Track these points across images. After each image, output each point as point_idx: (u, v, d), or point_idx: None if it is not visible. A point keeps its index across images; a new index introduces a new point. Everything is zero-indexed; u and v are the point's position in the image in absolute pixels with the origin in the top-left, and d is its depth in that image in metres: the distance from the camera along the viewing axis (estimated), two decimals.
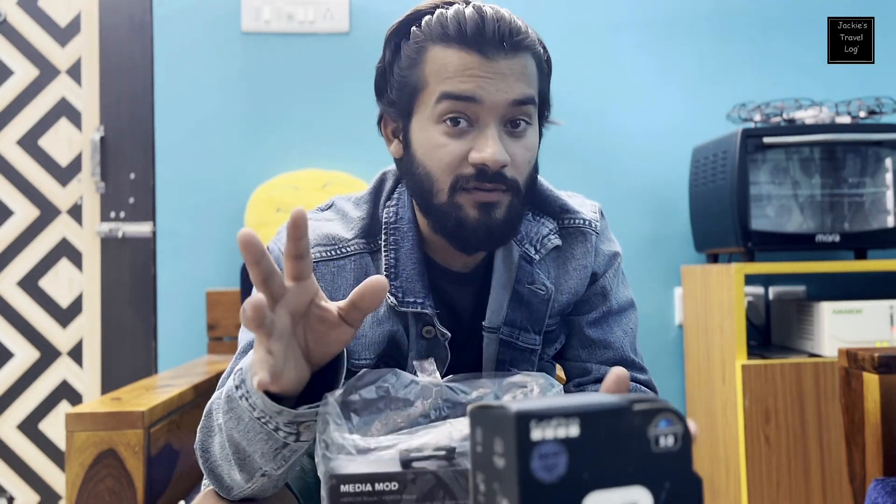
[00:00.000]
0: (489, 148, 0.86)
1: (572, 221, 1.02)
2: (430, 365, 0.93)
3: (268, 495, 0.88)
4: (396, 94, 0.93)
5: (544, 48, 0.95)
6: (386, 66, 0.94)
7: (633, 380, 1.03)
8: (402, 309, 0.94)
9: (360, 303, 0.72)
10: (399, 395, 0.74)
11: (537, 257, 0.99)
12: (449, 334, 0.96)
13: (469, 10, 0.88)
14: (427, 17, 0.90)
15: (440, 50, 0.89)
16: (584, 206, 1.05)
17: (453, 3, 0.91)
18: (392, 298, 0.94)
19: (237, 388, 0.77)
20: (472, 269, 0.99)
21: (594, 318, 1.04)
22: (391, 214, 0.97)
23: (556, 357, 1.08)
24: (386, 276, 0.94)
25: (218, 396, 0.87)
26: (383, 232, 0.97)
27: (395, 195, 0.99)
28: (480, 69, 0.87)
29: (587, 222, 1.02)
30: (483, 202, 0.89)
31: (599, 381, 1.02)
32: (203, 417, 0.88)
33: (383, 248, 0.96)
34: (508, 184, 0.89)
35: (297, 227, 0.69)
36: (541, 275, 0.99)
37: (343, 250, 0.96)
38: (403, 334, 0.96)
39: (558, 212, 1.02)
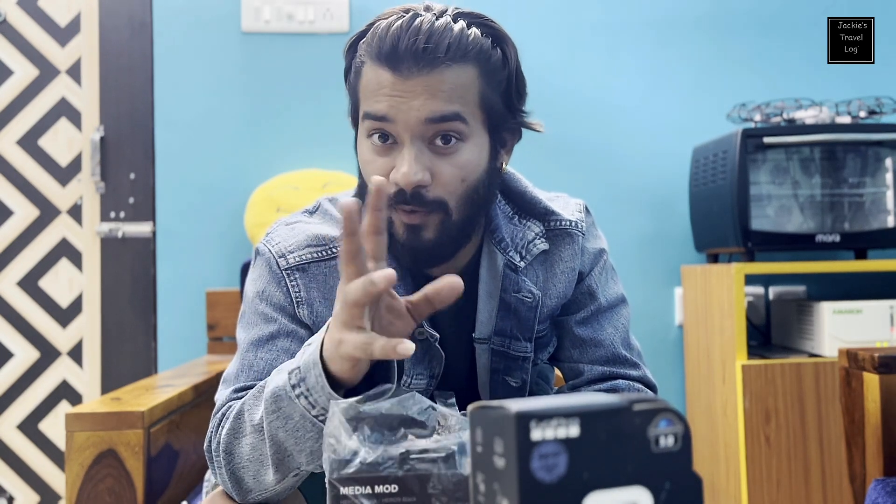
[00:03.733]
0: (402, 168, 0.85)
1: (558, 224, 1.01)
2: (451, 399, 0.93)
3: (282, 498, 0.89)
4: (349, 105, 0.94)
5: (504, 52, 0.90)
6: (344, 76, 0.95)
7: (625, 377, 1.02)
8: None
9: (435, 298, 0.74)
10: (415, 417, 0.73)
11: (522, 264, 0.97)
12: (437, 335, 0.95)
13: (396, 25, 0.85)
14: (370, 32, 0.89)
15: (369, 67, 0.88)
16: (568, 206, 1.04)
17: (409, 11, 0.88)
18: None
19: (294, 387, 0.78)
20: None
21: (583, 316, 1.03)
22: None
23: (551, 360, 1.07)
24: None
25: (249, 397, 0.86)
26: None
27: None
28: (393, 87, 0.85)
29: (573, 223, 1.01)
30: (408, 224, 0.88)
31: (592, 382, 1.02)
32: (228, 420, 0.87)
33: None
34: (429, 205, 0.87)
35: (380, 196, 0.71)
36: (527, 282, 0.98)
37: (334, 250, 0.95)
38: None
39: (543, 214, 1.01)
